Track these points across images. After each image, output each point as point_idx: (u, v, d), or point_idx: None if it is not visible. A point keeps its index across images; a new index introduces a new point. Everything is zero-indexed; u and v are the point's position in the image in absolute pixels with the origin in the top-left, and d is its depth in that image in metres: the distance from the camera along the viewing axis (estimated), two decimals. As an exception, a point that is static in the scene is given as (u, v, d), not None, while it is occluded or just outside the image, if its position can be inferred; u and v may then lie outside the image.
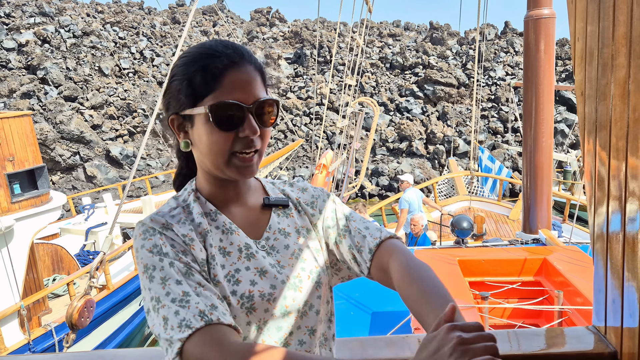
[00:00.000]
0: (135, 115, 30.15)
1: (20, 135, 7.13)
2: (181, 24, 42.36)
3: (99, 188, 18.64)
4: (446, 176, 14.02)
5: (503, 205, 11.20)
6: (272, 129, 1.09)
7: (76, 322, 5.52)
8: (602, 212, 1.39)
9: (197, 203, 1.12)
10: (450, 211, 10.06)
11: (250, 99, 1.02)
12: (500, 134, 28.27)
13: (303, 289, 1.11)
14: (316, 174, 8.97)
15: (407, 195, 8.83)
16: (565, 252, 4.92)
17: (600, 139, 1.36)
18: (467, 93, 30.65)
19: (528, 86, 6.12)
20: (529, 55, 6.06)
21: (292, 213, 1.22)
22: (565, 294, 4.08)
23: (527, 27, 6.08)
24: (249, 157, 1.03)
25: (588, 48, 1.36)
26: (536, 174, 6.17)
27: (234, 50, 1.05)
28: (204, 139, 1.04)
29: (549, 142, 6.07)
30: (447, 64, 32.08)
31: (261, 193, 1.22)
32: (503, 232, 9.48)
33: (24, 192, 7.15)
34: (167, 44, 37.86)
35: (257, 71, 1.07)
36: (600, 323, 1.50)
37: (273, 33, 41.11)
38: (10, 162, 6.96)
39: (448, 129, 28.13)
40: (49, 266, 9.32)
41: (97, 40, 33.97)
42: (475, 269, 4.77)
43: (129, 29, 38.16)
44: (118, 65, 33.04)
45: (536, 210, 6.24)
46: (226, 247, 1.08)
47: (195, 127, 1.05)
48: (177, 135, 1.10)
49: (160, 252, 0.99)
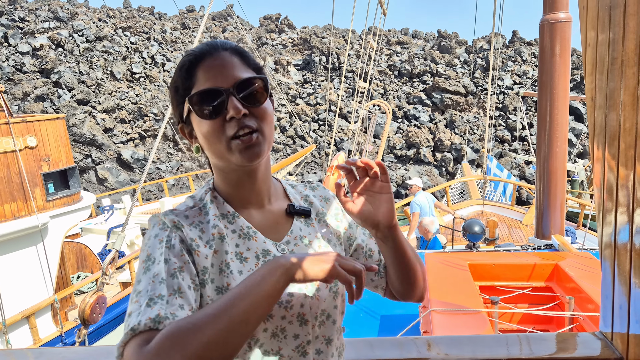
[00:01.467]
0: (147, 119, 30.56)
1: (55, 137, 7.47)
2: (191, 29, 42.86)
3: (120, 189, 19.02)
4: (459, 180, 14.03)
5: (516, 210, 11.16)
6: (268, 108, 1.04)
7: (88, 318, 5.59)
8: (610, 219, 1.39)
9: (215, 204, 1.10)
10: (462, 215, 10.06)
11: (230, 81, 1.01)
12: (507, 142, 28.53)
13: (321, 297, 1.09)
14: (328, 176, 8.95)
15: (417, 199, 8.82)
16: (577, 258, 4.87)
17: (610, 147, 1.35)
18: (475, 101, 30.95)
19: (543, 91, 6.03)
20: (544, 60, 5.99)
21: (313, 223, 1.19)
22: (577, 300, 4.03)
23: (543, 31, 5.98)
24: (247, 138, 1.00)
25: (599, 56, 1.37)
26: (550, 180, 6.15)
27: (207, 44, 1.05)
28: (200, 134, 1.04)
29: (563, 148, 6.03)
30: (455, 72, 32.41)
31: (283, 197, 1.19)
32: (516, 237, 9.44)
33: (57, 191, 7.49)
34: (178, 49, 38.31)
35: (235, 55, 1.05)
36: (607, 329, 1.50)
37: (282, 39, 41.53)
38: (46, 163, 7.30)
39: (456, 137, 28.41)
40: (74, 264, 9.64)
41: (110, 44, 34.47)
42: (485, 274, 4.73)
43: (140, 34, 38.67)
44: (130, 70, 33.51)
45: (549, 215, 6.23)
46: (243, 253, 1.06)
47: (194, 127, 1.05)
48: (190, 142, 1.10)
49: (168, 242, 0.98)
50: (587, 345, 1.51)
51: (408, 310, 4.69)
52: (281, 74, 35.44)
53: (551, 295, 4.50)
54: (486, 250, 6.06)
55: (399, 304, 4.86)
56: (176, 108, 1.08)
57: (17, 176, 6.94)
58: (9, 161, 6.88)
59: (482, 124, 30.06)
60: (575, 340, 1.56)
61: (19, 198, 6.98)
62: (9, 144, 6.86)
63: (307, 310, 1.07)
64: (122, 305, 8.29)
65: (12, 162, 6.91)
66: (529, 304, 4.45)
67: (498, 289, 4.55)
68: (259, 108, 1.02)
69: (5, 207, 6.83)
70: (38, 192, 7.15)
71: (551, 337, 1.64)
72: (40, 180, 7.20)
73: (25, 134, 7.08)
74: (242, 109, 0.99)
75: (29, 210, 7.06)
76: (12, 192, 6.90)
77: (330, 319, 1.11)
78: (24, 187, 7.00)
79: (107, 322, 7.98)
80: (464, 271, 4.57)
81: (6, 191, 6.84)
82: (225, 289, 1.00)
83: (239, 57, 1.05)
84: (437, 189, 13.54)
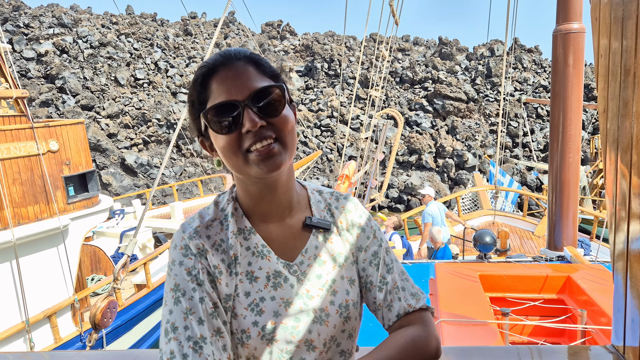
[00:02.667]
0: (150, 124, 30.76)
1: (76, 141, 7.67)
2: (193, 36, 43.14)
3: (132, 193, 19.16)
4: (470, 190, 13.98)
5: (528, 221, 11.02)
6: (288, 116, 1.01)
7: (99, 322, 5.67)
8: (623, 230, 1.37)
9: (234, 217, 1.08)
10: (473, 225, 9.97)
11: (244, 92, 0.97)
12: (509, 148, 28.77)
13: (330, 323, 1.06)
14: (338, 184, 8.96)
15: (429, 209, 8.82)
16: (590, 270, 4.79)
17: (623, 157, 1.33)
18: (476, 108, 31.19)
19: (555, 101, 5.99)
20: (557, 70, 5.94)
21: (331, 238, 1.14)
22: (589, 313, 3.94)
23: (556, 42, 5.96)
24: (264, 148, 0.96)
25: (611, 65, 1.36)
26: (562, 191, 6.09)
27: (221, 54, 1.02)
28: (217, 148, 1.02)
29: (576, 159, 5.97)
30: (456, 79, 32.70)
31: (306, 207, 1.16)
32: (527, 249, 9.34)
33: (77, 194, 7.68)
34: (180, 55, 38.58)
35: (250, 64, 1.01)
36: (619, 342, 1.47)
37: (284, 46, 41.83)
38: (67, 166, 7.50)
39: (457, 143, 28.65)
40: (88, 266, 9.82)
41: (114, 50, 34.73)
42: (496, 285, 4.68)
43: (143, 40, 38.94)
44: (133, 76, 33.76)
45: (562, 227, 6.16)
46: (254, 272, 1.04)
47: (212, 141, 1.03)
48: (212, 155, 1.07)
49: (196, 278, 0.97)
50: (599, 358, 1.50)
51: None
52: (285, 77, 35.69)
53: (563, 308, 4.42)
54: (497, 261, 6.01)
55: None
56: (194, 122, 1.06)
57: (39, 179, 7.13)
58: (33, 164, 7.07)
59: (484, 130, 30.30)
60: (587, 354, 1.55)
61: (42, 200, 7.17)
62: (33, 147, 7.05)
63: (315, 336, 1.05)
64: (137, 307, 8.45)
65: (36, 165, 7.11)
66: (540, 316, 4.40)
67: (509, 301, 4.49)
68: (277, 118, 0.99)
69: (29, 209, 7.02)
70: (59, 195, 7.35)
71: (563, 349, 1.61)
72: (61, 183, 7.39)
73: (48, 138, 7.28)
74: (258, 122, 0.96)
75: (50, 212, 7.25)
76: (35, 195, 7.09)
77: (340, 347, 1.09)
78: (46, 189, 7.19)
79: (124, 323, 8.15)
80: (474, 282, 4.52)
81: (29, 194, 7.03)
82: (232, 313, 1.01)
83: (253, 66, 1.01)
84: (447, 198, 13.48)
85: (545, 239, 6.75)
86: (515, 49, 37.47)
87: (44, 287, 7.16)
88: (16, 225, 6.77)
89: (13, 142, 6.88)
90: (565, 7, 5.87)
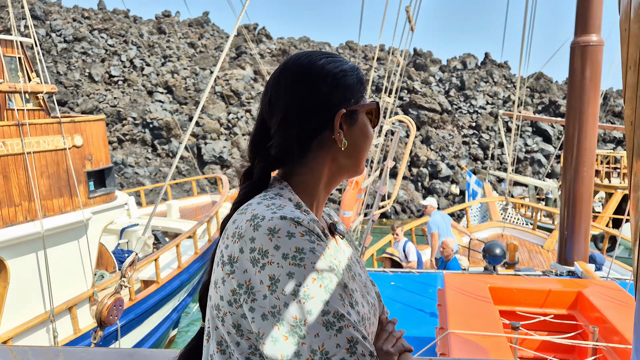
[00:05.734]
0: (125, 122, 30.44)
1: (97, 137, 7.81)
2: (167, 34, 42.80)
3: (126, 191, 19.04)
4: (480, 201, 13.88)
5: (538, 234, 10.90)
6: None
7: (105, 320, 5.64)
8: None
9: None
10: (482, 237, 9.96)
11: None
12: (480, 160, 29.76)
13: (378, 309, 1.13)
14: (347, 190, 8.90)
15: (434, 219, 8.86)
16: (602, 287, 4.66)
17: None
18: (450, 119, 32.11)
19: (571, 114, 5.83)
20: (574, 82, 5.76)
21: (348, 243, 1.18)
22: (601, 330, 3.81)
23: (573, 54, 5.77)
24: None
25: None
26: (575, 205, 5.90)
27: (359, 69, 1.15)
28: (359, 136, 1.07)
29: (590, 173, 5.81)
30: (430, 90, 33.59)
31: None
32: (536, 262, 9.23)
33: (96, 189, 7.81)
34: (155, 54, 38.27)
35: None
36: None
37: (260, 50, 42.00)
38: (89, 161, 7.63)
39: (431, 153, 29.46)
40: (92, 261, 9.88)
41: (89, 46, 34.23)
42: (506, 298, 4.59)
43: (117, 36, 38.46)
44: (108, 72, 33.33)
45: (573, 241, 5.97)
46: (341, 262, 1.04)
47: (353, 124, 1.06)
48: (338, 132, 1.04)
49: (334, 267, 0.91)
50: None
51: (423, 332, 4.51)
52: (260, 84, 35.88)
53: (574, 324, 4.28)
54: (507, 274, 5.85)
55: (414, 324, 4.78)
56: (345, 95, 1.05)
57: (64, 173, 7.25)
58: (59, 158, 7.19)
59: (457, 141, 31.20)
60: None
61: (66, 194, 7.28)
62: (60, 142, 7.17)
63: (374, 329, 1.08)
64: (147, 302, 8.57)
65: (62, 159, 7.22)
66: (549, 332, 4.27)
67: (518, 314, 4.39)
68: None
69: (54, 201, 7.13)
70: (82, 189, 7.47)
71: None
72: (84, 178, 7.52)
73: (73, 133, 7.40)
74: None
75: (73, 205, 7.36)
76: (60, 188, 7.20)
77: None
78: (70, 183, 7.31)
79: (137, 317, 8.28)
80: (484, 294, 4.41)
81: (55, 187, 7.14)
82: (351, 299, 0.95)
83: None
84: (457, 208, 13.57)
85: (555, 253, 6.64)
86: (487, 62, 38.73)
87: (64, 278, 7.26)
88: (43, 217, 6.88)
89: (42, 136, 7.00)
90: (585, 19, 5.72)
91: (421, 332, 4.53)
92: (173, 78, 34.03)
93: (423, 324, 4.75)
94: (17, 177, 6.71)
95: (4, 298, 6.63)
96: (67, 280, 7.30)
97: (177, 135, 29.81)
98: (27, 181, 6.77)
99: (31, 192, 6.79)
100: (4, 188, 6.59)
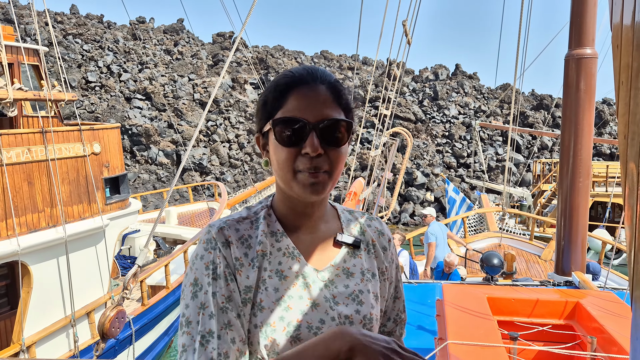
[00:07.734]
0: (102, 128, 30.24)
1: (113, 144, 8.02)
2: (142, 41, 42.59)
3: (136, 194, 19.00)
4: (477, 211, 13.97)
5: (535, 244, 11.03)
6: (344, 151, 1.05)
7: (107, 332, 5.76)
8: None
9: (266, 221, 1.11)
10: (479, 248, 10.09)
11: (316, 116, 1.01)
12: (453, 168, 30.62)
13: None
14: (346, 201, 8.96)
15: (432, 229, 9.00)
16: (599, 297, 4.68)
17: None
18: (424, 128, 32.93)
19: (566, 126, 5.91)
20: (569, 94, 5.86)
21: (361, 254, 1.18)
22: (599, 340, 3.83)
23: (568, 66, 5.87)
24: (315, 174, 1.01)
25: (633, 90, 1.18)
26: (572, 215, 5.96)
27: (308, 70, 1.07)
28: (272, 154, 1.05)
29: (586, 184, 5.90)
30: (404, 100, 34.38)
31: (336, 224, 1.20)
32: (534, 272, 9.29)
33: (112, 196, 8.01)
34: (132, 60, 38.07)
35: (330, 91, 1.05)
36: None
37: (236, 57, 42.17)
38: (106, 168, 7.83)
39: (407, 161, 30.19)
40: (94, 267, 9.99)
41: (65, 51, 33.86)
42: (504, 308, 4.58)
43: (91, 42, 38.13)
44: (85, 78, 33.04)
45: (570, 251, 6.04)
46: (284, 271, 1.07)
47: (269, 144, 1.07)
48: (262, 154, 1.11)
49: (213, 272, 1.00)
50: None
51: (422, 343, 4.59)
52: (238, 92, 36.08)
53: (572, 334, 4.30)
54: (504, 284, 5.89)
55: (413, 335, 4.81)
56: (260, 119, 1.10)
57: (84, 180, 7.44)
58: (79, 165, 7.38)
59: (431, 150, 32.01)
60: None
61: (85, 200, 7.46)
62: (80, 149, 7.37)
63: None
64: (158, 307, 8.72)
65: (81, 166, 7.41)
66: (547, 342, 4.28)
67: (517, 325, 4.39)
68: (335, 150, 1.03)
69: (74, 208, 7.31)
70: (99, 196, 7.66)
71: None
72: (101, 185, 7.72)
73: (92, 140, 7.60)
74: (318, 149, 1.00)
75: (92, 211, 7.55)
76: (79, 195, 7.38)
77: None
78: (89, 190, 7.50)
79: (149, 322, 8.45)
80: (482, 304, 4.40)
81: (75, 193, 7.32)
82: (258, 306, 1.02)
83: (333, 94, 1.05)
84: (454, 219, 13.65)
85: (552, 263, 6.76)
86: (458, 74, 39.82)
87: (83, 284, 7.43)
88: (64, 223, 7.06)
89: (63, 143, 7.18)
90: (579, 32, 5.87)
91: (420, 343, 4.63)
92: (151, 85, 33.93)
93: (422, 334, 4.89)
94: (41, 184, 6.88)
95: (28, 303, 6.78)
96: (85, 285, 7.47)
97: (157, 141, 29.75)
98: (50, 187, 6.95)
99: (54, 198, 6.97)
100: (28, 194, 6.75)
